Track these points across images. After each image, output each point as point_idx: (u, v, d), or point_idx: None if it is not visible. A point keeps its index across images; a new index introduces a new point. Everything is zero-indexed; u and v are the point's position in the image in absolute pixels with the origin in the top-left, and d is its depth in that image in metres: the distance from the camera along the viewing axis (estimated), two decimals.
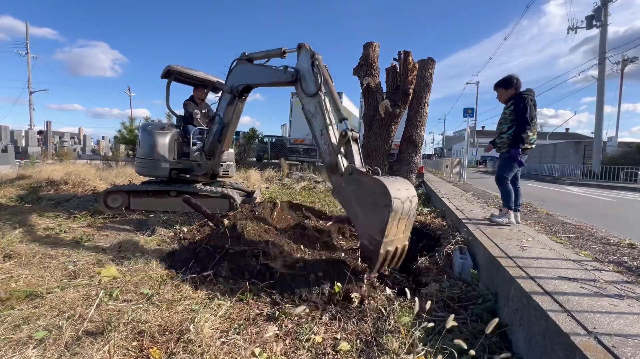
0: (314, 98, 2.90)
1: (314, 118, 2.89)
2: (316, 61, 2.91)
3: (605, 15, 17.20)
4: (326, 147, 2.77)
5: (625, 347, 1.21)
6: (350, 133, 2.55)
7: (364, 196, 2.32)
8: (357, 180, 2.37)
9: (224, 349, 1.64)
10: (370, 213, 2.27)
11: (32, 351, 1.55)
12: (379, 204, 2.19)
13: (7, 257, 2.73)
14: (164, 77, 5.19)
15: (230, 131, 4.58)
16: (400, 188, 2.25)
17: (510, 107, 3.33)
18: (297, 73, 3.10)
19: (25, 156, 15.15)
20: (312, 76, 2.93)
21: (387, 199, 2.12)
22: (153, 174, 5.06)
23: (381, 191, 2.17)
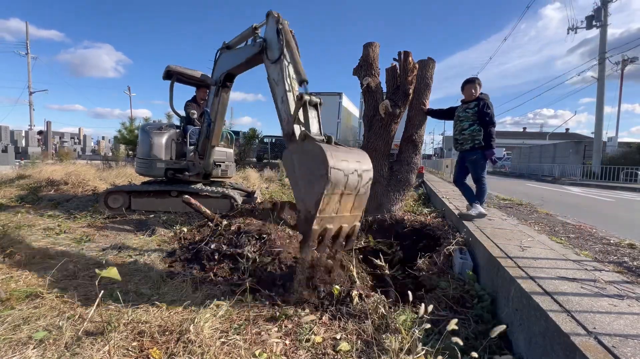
0: (277, 64, 2.75)
1: (276, 85, 2.74)
2: (281, 26, 2.75)
3: (605, 16, 17.22)
4: (285, 115, 2.58)
5: (625, 347, 1.21)
6: (308, 97, 2.32)
7: (306, 164, 2.08)
8: (303, 147, 2.15)
9: (224, 350, 1.64)
10: (309, 183, 2.03)
11: (32, 351, 1.55)
12: (316, 173, 1.95)
13: (8, 257, 2.73)
14: (166, 78, 5.19)
15: (218, 125, 4.58)
16: (347, 159, 1.99)
17: (474, 109, 3.64)
18: (264, 42, 2.97)
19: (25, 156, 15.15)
20: (277, 43, 2.79)
21: (324, 168, 1.87)
22: (150, 174, 5.07)
23: (320, 159, 1.91)
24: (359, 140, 14.05)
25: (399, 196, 4.49)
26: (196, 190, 4.96)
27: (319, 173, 1.92)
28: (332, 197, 1.95)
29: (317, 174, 1.94)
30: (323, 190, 1.89)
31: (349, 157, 2.04)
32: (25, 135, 20.32)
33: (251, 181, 8.97)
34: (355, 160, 2.05)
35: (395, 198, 4.44)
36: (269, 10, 2.93)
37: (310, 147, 2.06)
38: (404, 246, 3.61)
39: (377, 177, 4.43)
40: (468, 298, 2.23)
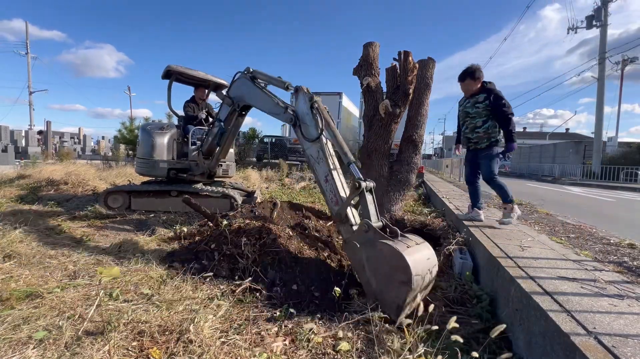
0: (315, 143, 2.70)
1: (317, 163, 2.69)
2: (315, 104, 2.75)
3: (605, 15, 17.21)
4: (332, 194, 2.54)
5: (625, 347, 1.21)
6: (364, 184, 2.29)
7: (380, 265, 2.07)
8: (373, 244, 2.11)
9: (224, 350, 1.64)
10: (385, 285, 2.04)
11: (32, 351, 1.55)
12: (396, 279, 1.96)
13: (7, 257, 2.73)
14: (165, 77, 5.19)
15: (229, 141, 4.56)
16: (420, 260, 2.02)
17: (485, 102, 3.28)
18: (295, 118, 2.89)
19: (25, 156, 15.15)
20: (312, 120, 2.75)
21: (407, 276, 1.89)
22: (152, 174, 5.06)
23: (401, 265, 1.91)
24: (359, 140, 14.05)
25: (399, 196, 4.49)
26: (196, 189, 4.96)
27: (399, 279, 1.94)
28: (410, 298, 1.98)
29: (396, 279, 1.96)
30: (406, 297, 1.93)
31: (422, 256, 2.07)
32: (25, 135, 20.31)
33: (251, 181, 8.97)
34: (426, 258, 2.10)
35: (395, 198, 4.45)
36: (298, 86, 2.92)
37: (385, 250, 2.02)
38: None
39: (377, 176, 4.44)
40: (467, 298, 2.23)
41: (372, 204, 2.33)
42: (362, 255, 2.17)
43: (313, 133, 2.72)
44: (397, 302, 1.97)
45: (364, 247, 2.17)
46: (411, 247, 2.05)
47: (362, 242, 2.19)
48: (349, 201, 2.39)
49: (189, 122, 5.30)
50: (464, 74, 3.42)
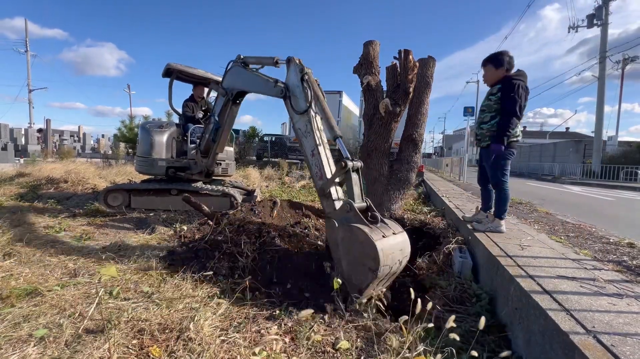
0: (304, 115, 2.68)
1: (304, 137, 2.67)
2: (306, 76, 2.70)
3: (606, 14, 17.17)
4: (317, 169, 2.54)
5: (624, 346, 1.21)
6: (351, 163, 2.29)
7: (352, 248, 2.10)
8: (350, 226, 2.11)
9: (224, 348, 1.64)
10: (354, 267, 2.10)
11: (33, 349, 1.55)
12: (365, 264, 2.02)
13: (7, 255, 2.73)
14: (165, 75, 5.18)
15: (224, 133, 4.56)
16: (394, 251, 2.07)
17: (497, 94, 2.85)
18: (286, 89, 2.85)
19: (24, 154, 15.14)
20: (302, 92, 2.71)
21: (375, 265, 1.96)
22: (151, 172, 5.06)
23: (371, 253, 1.97)
24: (359, 139, 14.04)
25: (399, 194, 4.49)
26: (196, 188, 4.96)
27: (368, 266, 2.00)
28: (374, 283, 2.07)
29: (365, 264, 2.02)
30: (369, 282, 2.01)
31: (395, 246, 2.10)
32: (24, 133, 20.29)
33: (251, 179, 8.97)
34: (399, 249, 2.14)
35: (395, 197, 4.45)
36: (289, 57, 2.85)
37: (360, 235, 2.04)
38: None
39: (377, 175, 4.44)
40: (467, 297, 2.23)
41: (357, 185, 2.33)
42: (339, 234, 2.20)
43: (302, 105, 2.70)
44: (361, 286, 2.06)
45: (341, 227, 2.19)
46: (387, 237, 2.07)
47: (341, 222, 2.21)
48: (334, 179, 2.37)
49: (188, 120, 5.30)
50: (486, 59, 2.98)
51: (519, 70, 2.89)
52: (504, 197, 2.90)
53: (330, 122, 2.55)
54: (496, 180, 2.93)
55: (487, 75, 2.99)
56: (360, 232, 2.04)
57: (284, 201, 4.57)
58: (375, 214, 2.21)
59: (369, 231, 2.02)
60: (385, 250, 1.99)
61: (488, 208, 3.15)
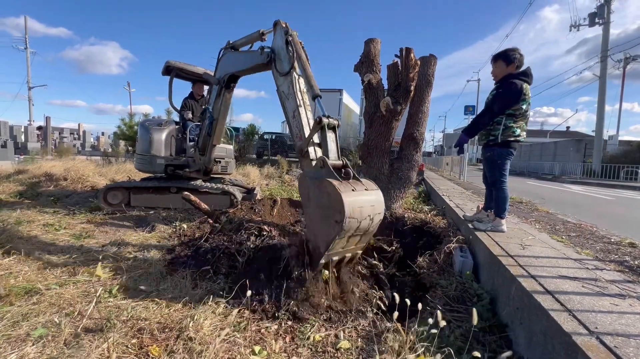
0: (287, 77, 2.68)
1: (286, 99, 2.68)
2: (290, 37, 2.68)
3: (608, 13, 17.11)
4: (297, 130, 2.55)
5: (627, 347, 1.20)
6: (327, 120, 2.27)
7: (321, 200, 2.08)
8: (320, 182, 2.09)
9: (224, 347, 1.63)
10: (321, 220, 2.08)
11: (31, 347, 1.54)
12: (331, 217, 1.98)
13: (7, 253, 2.72)
14: (165, 73, 5.16)
15: (220, 124, 4.53)
16: (363, 205, 2.01)
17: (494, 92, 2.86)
18: (272, 53, 2.85)
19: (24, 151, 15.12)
20: (286, 54, 2.70)
21: (340, 217, 1.90)
22: (149, 170, 5.05)
23: (337, 206, 1.92)
24: (359, 137, 14.03)
25: (400, 193, 4.48)
26: (196, 186, 4.95)
27: (334, 218, 1.95)
28: (342, 239, 2.04)
29: (331, 218, 1.97)
30: (335, 236, 1.96)
31: (365, 201, 2.04)
32: (24, 131, 20.25)
33: (251, 178, 8.96)
34: (370, 204, 2.06)
35: (395, 196, 4.43)
36: (276, 20, 2.84)
37: (328, 187, 2.01)
38: (404, 243, 3.60)
39: (377, 174, 4.42)
40: (468, 296, 2.22)
41: (333, 142, 2.33)
42: (310, 190, 2.20)
43: (285, 66, 2.70)
44: (327, 239, 2.01)
45: (312, 182, 2.18)
46: (356, 191, 2.03)
47: (313, 177, 2.21)
48: (311, 137, 2.35)
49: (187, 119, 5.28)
50: (497, 55, 2.92)
51: (526, 69, 2.84)
52: (502, 196, 2.89)
53: (311, 81, 2.50)
54: (494, 179, 2.92)
55: (497, 71, 2.93)
56: (329, 185, 2.00)
57: (284, 199, 4.57)
58: (349, 170, 2.17)
59: (337, 184, 1.98)
60: (352, 203, 1.93)
61: (490, 208, 3.14)
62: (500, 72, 2.90)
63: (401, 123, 4.61)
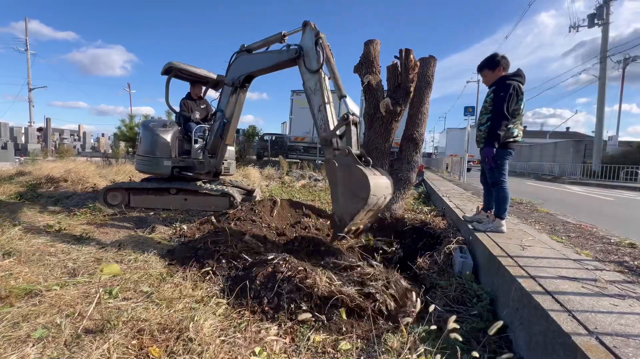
0: (315, 74, 2.99)
1: (313, 94, 3.02)
2: (320, 39, 2.98)
3: (607, 14, 17.14)
4: (322, 123, 2.92)
5: (627, 348, 1.20)
6: (352, 117, 2.70)
7: (349, 183, 2.57)
8: (349, 166, 2.57)
9: (224, 348, 1.63)
10: (348, 198, 2.58)
11: (32, 349, 1.54)
12: (358, 195, 2.47)
13: (7, 254, 2.72)
14: (165, 73, 5.16)
15: (233, 125, 4.60)
16: (381, 187, 2.52)
17: (491, 96, 2.89)
18: (300, 50, 3.14)
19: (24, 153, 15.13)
20: (315, 53, 3.00)
21: (366, 194, 2.40)
22: (155, 172, 5.03)
23: (364, 184, 2.41)
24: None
25: (400, 194, 4.48)
26: (196, 187, 4.96)
27: (361, 196, 2.45)
28: (363, 213, 2.54)
29: (358, 195, 2.47)
30: (360, 209, 2.48)
31: (382, 183, 2.56)
32: (24, 132, 20.27)
33: (251, 179, 8.96)
34: (385, 186, 2.59)
35: (395, 197, 4.44)
36: (305, 21, 3.12)
37: (356, 171, 2.50)
38: (405, 244, 3.61)
39: None
40: (468, 297, 2.22)
41: (355, 135, 2.76)
42: (339, 174, 2.67)
43: (314, 65, 3.01)
44: (353, 212, 2.53)
45: (341, 167, 2.66)
46: (376, 175, 2.57)
47: (340, 163, 2.67)
48: (336, 130, 2.78)
49: (188, 119, 5.28)
50: (480, 65, 3.05)
51: (517, 70, 2.90)
52: (503, 197, 2.90)
53: (338, 82, 2.91)
54: (494, 179, 2.94)
55: (486, 79, 3.05)
56: (357, 169, 2.51)
57: (284, 200, 4.57)
58: (368, 159, 2.68)
59: (364, 169, 2.49)
60: (375, 184, 2.46)
61: (489, 208, 3.14)
62: (490, 78, 3.00)
63: (401, 124, 4.62)
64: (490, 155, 2.84)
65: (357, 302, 2.04)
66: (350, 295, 2.06)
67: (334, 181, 2.73)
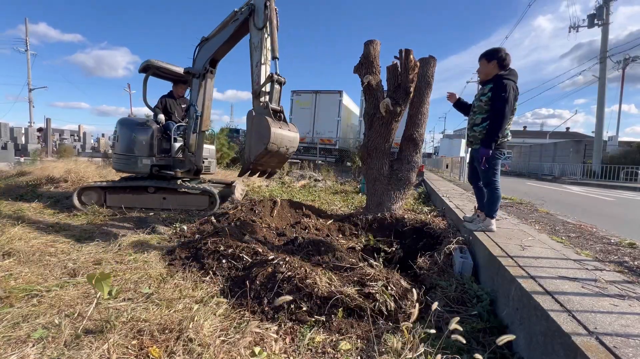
0: (260, 32, 3.45)
1: (255, 51, 3.49)
2: (269, 2, 3.42)
3: (607, 14, 17.15)
4: (256, 77, 3.42)
5: (626, 348, 1.20)
6: (277, 77, 3.23)
7: (258, 128, 3.11)
8: (261, 115, 3.12)
9: (224, 348, 1.63)
10: (255, 141, 3.14)
11: (31, 349, 1.54)
12: (261, 140, 3.03)
13: (7, 255, 2.72)
14: (142, 71, 5.05)
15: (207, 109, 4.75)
16: (283, 138, 3.06)
17: (488, 94, 2.82)
18: (252, 7, 3.59)
19: (25, 153, 15.13)
20: (263, 13, 3.45)
21: (266, 141, 2.97)
22: (134, 170, 4.96)
23: (266, 133, 2.96)
24: (359, 138, 14.04)
25: (400, 194, 4.48)
26: (175, 186, 4.92)
27: (263, 141, 3.02)
28: (265, 156, 3.12)
29: (262, 140, 3.03)
30: (260, 151, 3.06)
31: (285, 135, 3.11)
32: (25, 132, 20.25)
33: (252, 179, 8.95)
34: (288, 139, 3.14)
35: (395, 197, 4.44)
36: None
37: (264, 121, 3.02)
38: (405, 244, 3.61)
39: (377, 175, 4.43)
40: (468, 297, 2.22)
41: (277, 93, 3.31)
42: (253, 121, 3.22)
43: (260, 23, 3.46)
44: (256, 153, 3.12)
45: (256, 116, 3.21)
46: (282, 129, 3.07)
47: (256, 112, 3.24)
48: (263, 85, 3.31)
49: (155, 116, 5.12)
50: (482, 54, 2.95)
51: (510, 70, 2.84)
52: (495, 196, 2.91)
53: (274, 44, 3.33)
54: (487, 180, 2.94)
55: (482, 69, 2.96)
56: (264, 119, 3.04)
57: (284, 201, 4.57)
58: (282, 115, 3.26)
59: (271, 121, 3.01)
60: (276, 134, 2.98)
61: (482, 207, 3.15)
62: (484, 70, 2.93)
63: (401, 125, 4.62)
64: (487, 155, 2.80)
65: (357, 302, 2.04)
66: (350, 295, 2.06)
67: (249, 127, 3.27)
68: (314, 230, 3.81)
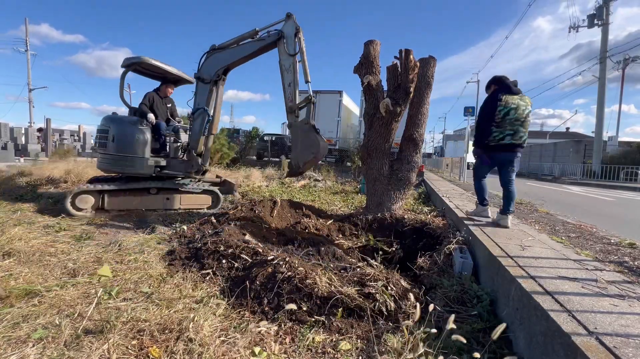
0: (290, 57, 3.99)
1: (286, 72, 4.03)
2: (299, 33, 3.93)
3: (607, 14, 17.15)
4: (290, 96, 4.02)
5: (626, 348, 1.20)
6: (313, 99, 3.94)
7: (307, 142, 3.86)
8: (308, 131, 3.85)
9: (224, 348, 1.63)
10: (304, 151, 3.91)
11: (32, 349, 1.55)
12: (309, 150, 3.85)
13: (7, 255, 2.72)
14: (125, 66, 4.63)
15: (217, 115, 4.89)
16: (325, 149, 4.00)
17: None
18: (281, 34, 4.03)
19: (25, 153, 15.14)
20: (294, 41, 3.97)
21: (315, 151, 3.83)
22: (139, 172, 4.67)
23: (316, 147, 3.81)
24: (359, 138, 14.04)
25: (400, 194, 4.48)
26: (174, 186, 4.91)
27: (312, 151, 3.86)
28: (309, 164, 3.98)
29: (310, 152, 3.87)
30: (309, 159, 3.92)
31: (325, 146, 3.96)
32: (25, 132, 20.25)
33: (252, 179, 8.96)
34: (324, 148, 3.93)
35: (395, 197, 4.44)
36: (289, 12, 4.04)
37: (313, 136, 3.84)
38: (405, 244, 3.61)
39: (377, 175, 4.43)
40: (468, 297, 2.22)
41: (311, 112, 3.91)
42: (300, 136, 3.95)
43: (292, 50, 4.01)
44: (304, 160, 3.93)
45: (302, 131, 3.93)
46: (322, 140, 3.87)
47: (302, 129, 3.92)
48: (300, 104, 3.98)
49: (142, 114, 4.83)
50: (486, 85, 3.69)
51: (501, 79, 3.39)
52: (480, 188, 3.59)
53: (306, 70, 3.96)
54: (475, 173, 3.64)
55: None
56: (312, 134, 3.85)
57: (284, 201, 4.57)
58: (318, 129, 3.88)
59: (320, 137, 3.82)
60: (323, 147, 3.87)
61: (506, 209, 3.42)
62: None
63: (401, 125, 4.62)
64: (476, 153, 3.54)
65: (357, 302, 2.04)
66: (350, 295, 2.06)
67: (296, 139, 3.98)
68: (314, 230, 3.81)
